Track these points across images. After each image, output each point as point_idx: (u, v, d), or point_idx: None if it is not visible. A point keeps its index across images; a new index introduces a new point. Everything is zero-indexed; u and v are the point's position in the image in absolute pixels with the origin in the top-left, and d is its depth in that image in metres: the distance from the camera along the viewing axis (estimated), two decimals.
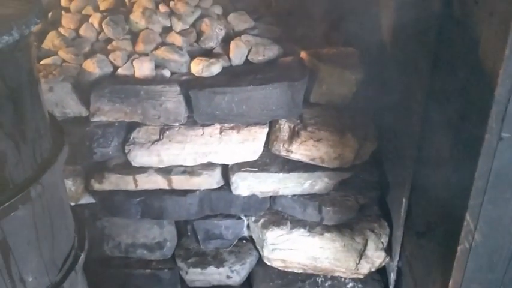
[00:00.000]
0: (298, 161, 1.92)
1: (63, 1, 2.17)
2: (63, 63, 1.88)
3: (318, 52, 1.95)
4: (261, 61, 1.92)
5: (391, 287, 2.05)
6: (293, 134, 1.89)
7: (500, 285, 1.40)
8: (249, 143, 1.89)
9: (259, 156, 1.94)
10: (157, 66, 1.87)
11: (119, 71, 1.85)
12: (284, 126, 1.91)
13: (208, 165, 1.94)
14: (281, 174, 1.92)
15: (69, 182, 1.92)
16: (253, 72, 1.85)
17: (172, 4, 2.01)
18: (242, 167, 1.93)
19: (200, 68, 1.83)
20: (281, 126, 1.91)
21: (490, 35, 1.17)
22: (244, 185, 1.93)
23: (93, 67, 1.83)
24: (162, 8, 2.01)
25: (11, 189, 1.08)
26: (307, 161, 1.91)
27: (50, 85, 1.78)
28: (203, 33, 1.95)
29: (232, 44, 1.91)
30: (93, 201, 2.02)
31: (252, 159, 1.93)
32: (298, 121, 1.92)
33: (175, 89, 1.80)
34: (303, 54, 1.95)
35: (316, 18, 2.19)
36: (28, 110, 1.13)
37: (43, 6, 2.03)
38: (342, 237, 1.99)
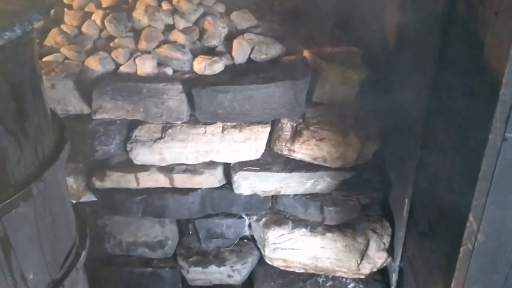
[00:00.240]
0: (301, 160, 1.92)
1: None
2: (66, 61, 1.88)
3: (321, 51, 1.95)
4: (263, 60, 1.92)
5: None
6: (295, 133, 1.88)
7: (503, 287, 1.39)
8: (251, 142, 1.88)
9: (261, 155, 1.94)
10: (160, 64, 1.86)
11: (121, 69, 1.85)
12: (286, 126, 1.90)
13: (210, 164, 1.94)
14: (283, 174, 1.92)
15: (70, 180, 1.92)
16: (256, 70, 1.85)
17: (175, 2, 2.01)
18: (244, 166, 1.92)
19: (203, 66, 1.83)
20: (283, 126, 1.91)
21: (495, 34, 1.16)
22: (246, 184, 1.92)
23: (95, 64, 1.82)
24: (165, 6, 2.00)
25: (12, 186, 1.08)
26: (310, 160, 1.90)
27: (52, 82, 1.78)
28: (206, 32, 1.95)
29: (235, 43, 1.91)
30: (94, 199, 2.01)
31: (254, 158, 1.93)
32: (301, 120, 1.91)
33: (177, 87, 1.79)
34: (306, 53, 1.94)
35: (319, 17, 2.18)
36: (30, 107, 1.13)
37: (46, 3, 2.03)
38: (343, 237, 1.98)
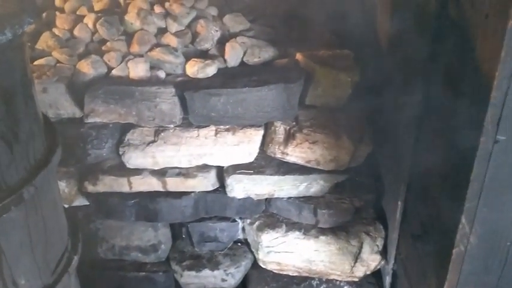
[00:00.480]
0: (294, 163, 1.92)
1: (58, 1, 2.16)
2: (57, 64, 1.87)
3: (313, 54, 1.95)
4: (256, 63, 1.92)
5: None
6: (288, 136, 1.88)
7: None
8: (244, 145, 1.88)
9: (255, 158, 1.94)
10: (152, 67, 1.86)
11: (114, 72, 1.84)
12: (279, 129, 1.90)
13: (203, 168, 1.93)
14: (276, 177, 1.92)
15: (62, 184, 1.91)
16: (249, 74, 1.85)
17: (167, 5, 2.01)
18: (237, 169, 1.92)
19: (195, 70, 1.83)
20: (276, 129, 1.91)
21: (486, 37, 1.17)
22: (239, 187, 1.92)
23: (87, 68, 1.82)
24: (157, 9, 2.00)
25: (3, 190, 1.07)
26: (303, 163, 1.90)
27: (43, 86, 1.77)
28: (198, 35, 1.95)
29: (228, 46, 1.91)
30: (87, 203, 2.00)
31: (247, 162, 1.93)
32: (294, 123, 1.91)
33: (170, 90, 1.79)
34: (298, 56, 1.95)
35: (311, 20, 2.18)
36: (21, 110, 1.12)
37: (37, 6, 2.02)
38: (337, 240, 1.98)
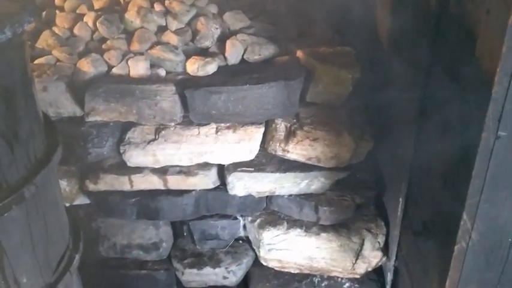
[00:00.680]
0: (295, 160, 1.92)
1: (58, 0, 2.16)
2: (58, 63, 1.87)
3: (314, 51, 1.94)
4: (257, 60, 1.92)
5: (388, 287, 2.05)
6: (289, 134, 1.88)
7: (497, 285, 1.40)
8: (245, 143, 1.88)
9: (256, 156, 1.93)
10: (153, 65, 1.86)
11: (114, 71, 1.84)
12: (280, 126, 1.90)
13: (204, 165, 1.93)
14: (277, 174, 1.92)
15: (63, 183, 1.91)
16: (249, 71, 1.85)
17: (167, 3, 2.00)
18: (238, 166, 1.92)
19: (196, 67, 1.82)
20: (277, 126, 1.90)
21: (487, 33, 1.17)
22: (240, 185, 1.92)
23: (87, 66, 1.81)
24: (157, 7, 1.99)
25: (4, 189, 1.07)
26: (304, 160, 1.90)
27: (44, 85, 1.77)
28: (199, 32, 1.94)
29: (228, 43, 1.90)
30: (88, 201, 2.01)
31: (248, 159, 1.93)
32: (295, 120, 1.91)
33: (170, 88, 1.79)
34: (299, 54, 1.94)
35: (312, 17, 2.18)
36: (22, 109, 1.12)
37: (37, 5, 2.02)
38: (338, 237, 1.98)
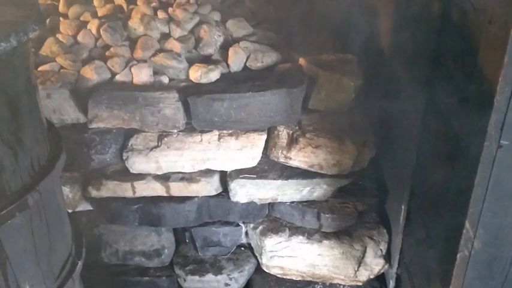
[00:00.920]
0: (297, 167, 1.92)
1: (61, 7, 2.17)
2: (61, 70, 1.88)
3: (316, 59, 1.95)
4: (259, 67, 1.93)
5: None
6: (292, 141, 1.88)
7: None
8: (247, 150, 1.88)
9: (258, 162, 1.94)
10: (156, 72, 1.87)
11: (117, 78, 1.85)
12: (283, 133, 1.90)
13: (207, 172, 1.94)
14: (280, 181, 1.92)
15: (66, 189, 1.91)
16: (252, 78, 1.85)
17: (170, 10, 2.01)
18: (240, 173, 1.92)
19: (199, 75, 1.83)
20: (280, 133, 1.91)
21: (489, 42, 1.17)
22: (242, 191, 1.92)
23: (91, 73, 1.82)
24: (161, 15, 2.01)
25: (8, 196, 1.08)
26: (306, 167, 1.90)
27: (47, 92, 1.78)
28: (202, 40, 1.95)
29: (231, 51, 1.91)
30: (90, 208, 2.01)
31: (250, 166, 1.93)
32: (297, 128, 1.91)
33: (173, 95, 1.79)
34: (301, 61, 1.95)
35: (314, 24, 2.19)
36: (25, 116, 1.12)
37: (41, 12, 2.03)
38: (340, 245, 1.98)
